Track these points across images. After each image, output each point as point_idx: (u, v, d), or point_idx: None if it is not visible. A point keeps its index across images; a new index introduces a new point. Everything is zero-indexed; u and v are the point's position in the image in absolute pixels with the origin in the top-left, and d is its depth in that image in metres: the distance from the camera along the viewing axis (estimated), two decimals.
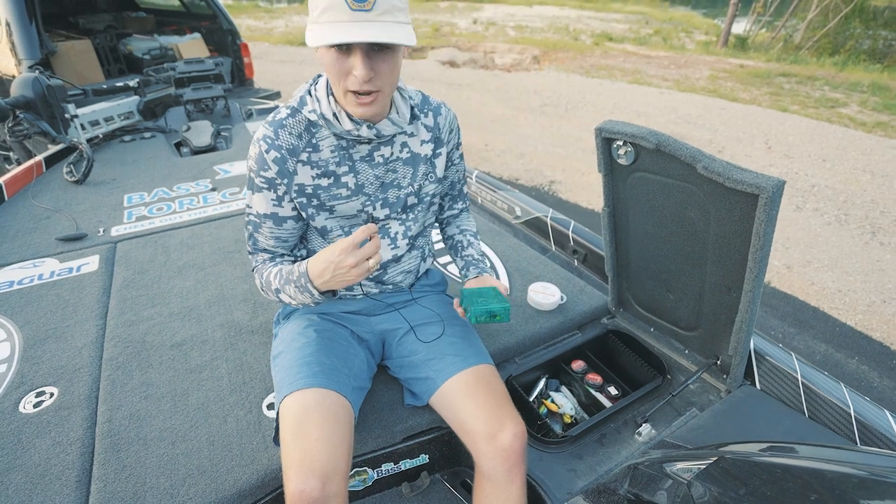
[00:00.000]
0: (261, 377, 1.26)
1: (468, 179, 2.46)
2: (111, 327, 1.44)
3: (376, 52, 0.84)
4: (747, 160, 4.97)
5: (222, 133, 3.21)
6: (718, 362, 1.24)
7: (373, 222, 0.89)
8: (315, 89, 0.98)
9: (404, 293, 1.20)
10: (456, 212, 1.27)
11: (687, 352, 1.33)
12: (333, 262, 0.87)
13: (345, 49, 0.83)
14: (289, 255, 1.09)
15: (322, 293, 0.96)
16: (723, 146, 5.32)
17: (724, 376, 1.23)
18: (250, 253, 1.10)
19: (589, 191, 4.23)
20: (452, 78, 8.57)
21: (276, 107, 3.65)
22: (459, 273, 1.21)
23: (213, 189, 2.41)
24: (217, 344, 1.38)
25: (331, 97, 0.96)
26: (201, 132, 3.06)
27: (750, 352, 1.21)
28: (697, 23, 15.75)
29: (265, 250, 1.06)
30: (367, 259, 0.86)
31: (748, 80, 8.28)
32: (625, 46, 11.34)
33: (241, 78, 4.61)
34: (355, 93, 0.85)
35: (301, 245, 1.13)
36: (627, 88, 7.93)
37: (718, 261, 1.11)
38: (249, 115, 3.60)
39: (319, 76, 1.00)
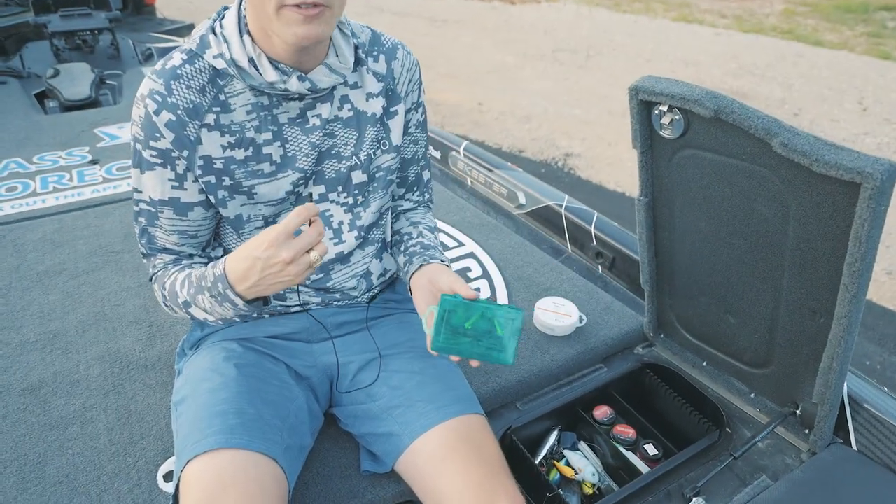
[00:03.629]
0: (157, 433, 1.23)
1: (455, 154, 2.45)
2: None
3: None
4: (833, 127, 5.05)
5: (107, 81, 3.14)
6: (798, 412, 1.23)
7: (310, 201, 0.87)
8: (221, 26, 0.96)
9: (358, 309, 1.19)
10: (409, 205, 1.26)
11: (753, 396, 1.33)
12: (261, 258, 0.86)
13: None
14: (200, 256, 1.08)
15: (249, 302, 0.95)
16: (799, 107, 5.40)
17: (807, 431, 1.23)
18: (145, 256, 1.08)
19: (618, 167, 4.25)
20: (435, 10, 8.55)
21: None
22: (401, 270, 1.17)
23: (94, 162, 2.36)
24: (93, 386, 1.34)
25: (245, 37, 0.94)
26: (76, 79, 3.00)
27: (843, 398, 1.21)
28: None
29: (166, 250, 1.06)
30: (308, 251, 0.86)
31: (836, 17, 8.42)
32: None
33: (136, 4, 4.51)
34: (297, 6, 0.84)
35: (216, 243, 1.11)
36: (671, 28, 8.00)
37: (800, 273, 1.11)
38: (148, 58, 3.53)
39: (225, 9, 0.98)
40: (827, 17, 8.38)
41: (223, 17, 0.97)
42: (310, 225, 0.87)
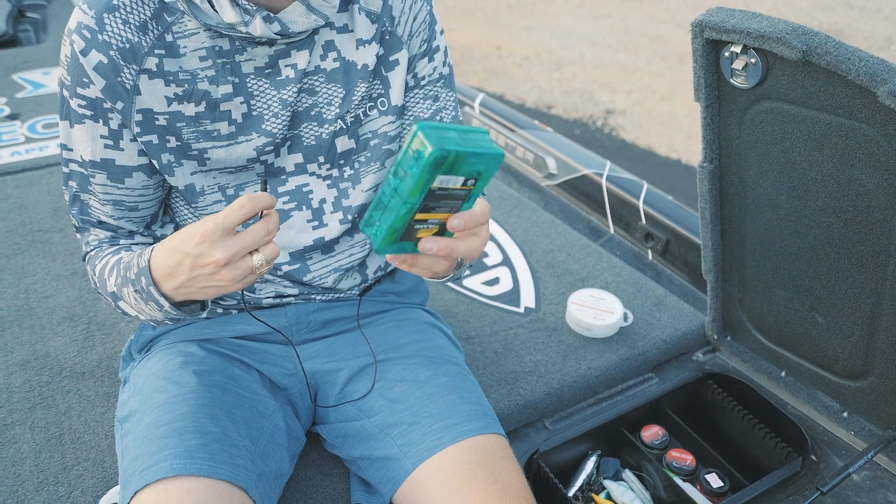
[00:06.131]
0: (97, 456, 1.24)
1: (468, 110, 2.44)
2: None
3: None
4: None
5: (28, 14, 3.16)
6: None
7: (264, 189, 0.86)
8: None
9: (349, 304, 1.20)
10: None
11: (847, 415, 1.32)
12: (191, 254, 0.85)
13: None
14: (143, 234, 1.09)
15: (178, 305, 0.95)
16: None
17: None
18: (77, 229, 1.09)
19: (673, 128, 4.23)
20: None
21: None
22: None
23: (13, 116, 2.39)
24: (16, 398, 1.35)
25: None
26: None
27: None
28: None
29: (101, 224, 1.06)
30: (251, 253, 0.85)
31: None
32: None
33: None
34: None
35: (166, 218, 1.12)
36: None
37: None
38: None
39: None
40: None
41: None
42: (260, 218, 0.85)
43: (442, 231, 0.79)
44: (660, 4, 6.27)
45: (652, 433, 1.36)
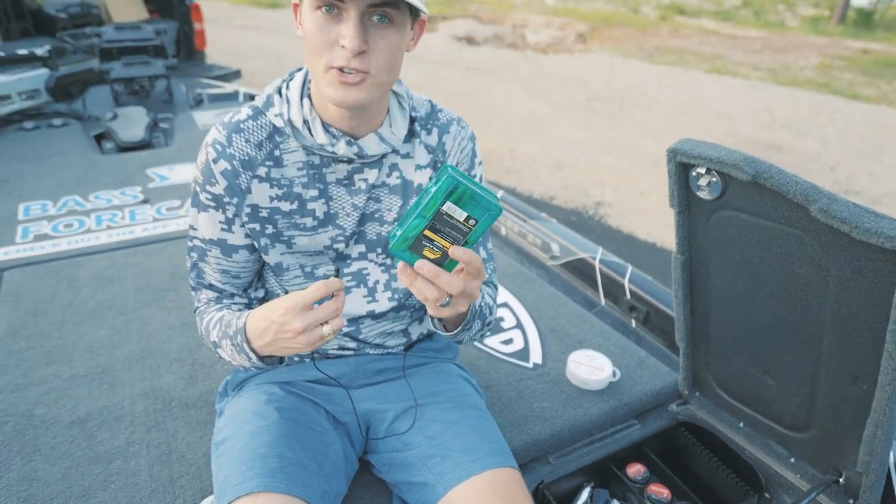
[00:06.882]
0: (196, 472, 1.25)
1: None
2: None
3: (375, 23, 0.89)
4: (872, 182, 4.99)
5: (161, 125, 3.31)
6: (842, 480, 1.21)
7: (336, 275, 0.90)
8: (287, 88, 1.03)
9: (395, 358, 1.21)
10: None
11: (794, 461, 1.30)
12: (276, 322, 0.90)
13: (335, 12, 0.88)
14: (241, 296, 1.13)
15: (262, 358, 0.99)
16: (836, 161, 5.35)
17: (851, 501, 1.19)
18: (193, 288, 1.13)
19: (650, 218, 4.25)
20: (469, 60, 8.76)
21: (235, 93, 3.73)
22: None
23: (145, 201, 2.48)
24: (137, 422, 1.37)
25: (305, 99, 1.01)
26: (132, 122, 3.17)
27: (889, 467, 1.17)
28: None
29: (211, 287, 1.11)
30: (322, 324, 0.89)
31: (874, 71, 8.39)
32: (702, 22, 11.59)
33: (188, 50, 4.73)
34: (339, 69, 0.89)
35: (258, 285, 1.16)
36: (704, 80, 8.06)
37: (841, 338, 1.10)
38: (199, 102, 3.71)
39: (297, 71, 1.05)
40: (865, 71, 8.36)
41: (292, 79, 1.04)
42: (333, 297, 0.89)
43: (441, 264, 0.82)
44: (640, 122, 6.38)
45: (635, 470, 1.35)
